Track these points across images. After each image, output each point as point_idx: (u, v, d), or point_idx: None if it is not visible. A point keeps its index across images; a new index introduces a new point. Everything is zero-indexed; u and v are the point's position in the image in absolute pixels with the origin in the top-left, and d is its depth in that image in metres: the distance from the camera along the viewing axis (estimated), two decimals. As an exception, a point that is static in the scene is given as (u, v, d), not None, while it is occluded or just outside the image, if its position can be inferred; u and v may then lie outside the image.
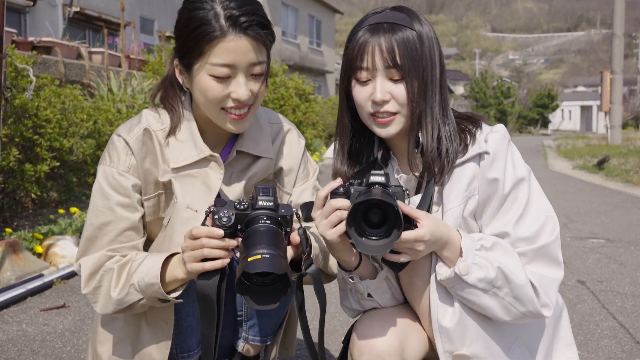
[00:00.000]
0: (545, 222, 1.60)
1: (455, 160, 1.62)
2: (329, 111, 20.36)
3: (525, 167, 1.65)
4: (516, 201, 1.60)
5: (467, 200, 1.62)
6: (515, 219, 1.59)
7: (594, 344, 2.99)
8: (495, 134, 1.63)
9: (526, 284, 1.55)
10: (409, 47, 1.58)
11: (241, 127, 1.73)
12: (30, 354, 2.81)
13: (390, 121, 1.63)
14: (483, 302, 1.55)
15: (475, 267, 1.52)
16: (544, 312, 1.57)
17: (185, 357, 1.86)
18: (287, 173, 1.93)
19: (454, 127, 1.65)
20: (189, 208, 1.73)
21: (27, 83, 5.09)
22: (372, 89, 1.61)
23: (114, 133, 1.79)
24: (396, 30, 1.58)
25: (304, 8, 34.20)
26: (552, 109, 57.31)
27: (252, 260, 1.40)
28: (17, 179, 5.04)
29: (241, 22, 1.61)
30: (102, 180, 1.75)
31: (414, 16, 1.64)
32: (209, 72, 1.64)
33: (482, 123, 1.70)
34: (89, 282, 1.71)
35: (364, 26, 1.62)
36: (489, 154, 1.60)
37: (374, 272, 1.70)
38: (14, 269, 3.90)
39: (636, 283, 4.17)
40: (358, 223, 1.44)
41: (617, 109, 21.31)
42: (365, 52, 1.59)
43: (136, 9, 20.39)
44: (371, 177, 1.53)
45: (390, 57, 1.57)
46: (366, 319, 1.70)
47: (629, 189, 10.04)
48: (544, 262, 1.60)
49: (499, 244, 1.57)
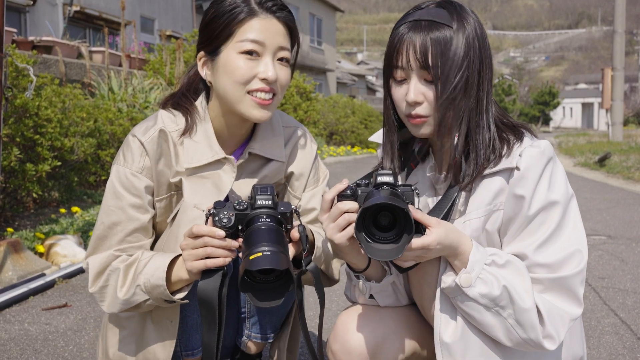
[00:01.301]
0: (573, 253, 1.49)
1: (484, 170, 1.53)
2: (330, 109, 20.38)
3: (565, 191, 1.52)
4: (543, 225, 1.49)
5: (490, 213, 1.53)
6: (538, 243, 1.49)
7: (596, 341, 2.99)
8: (532, 149, 1.51)
9: (531, 310, 1.45)
10: (443, 47, 1.48)
11: (265, 114, 1.71)
12: (32, 353, 2.82)
13: (422, 122, 1.56)
14: (484, 319, 1.48)
15: (480, 281, 1.44)
16: (546, 343, 1.46)
17: (189, 355, 1.87)
18: (298, 177, 1.93)
19: (490, 135, 1.55)
20: (196, 208, 1.72)
21: (27, 82, 5.09)
22: (407, 89, 1.55)
23: (129, 133, 1.79)
24: (433, 29, 1.49)
25: (304, 6, 34.18)
26: (554, 106, 57.30)
27: (254, 258, 1.40)
28: (19, 178, 5.04)
29: (270, 5, 1.67)
30: (115, 180, 1.75)
31: (457, 14, 1.53)
32: (237, 49, 1.66)
33: (525, 135, 1.57)
34: (96, 281, 1.72)
35: (405, 22, 1.54)
36: (519, 170, 1.49)
37: (382, 273, 1.66)
38: (15, 268, 3.91)
39: (637, 280, 4.17)
40: (367, 227, 1.38)
41: (618, 106, 21.28)
42: (400, 50, 1.52)
43: (137, 8, 20.39)
44: (379, 177, 1.48)
45: (423, 57, 1.49)
46: (353, 311, 1.68)
47: (630, 186, 10.04)
48: (560, 295, 1.49)
49: (512, 263, 1.48)
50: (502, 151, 1.54)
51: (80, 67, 9.37)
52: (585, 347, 1.70)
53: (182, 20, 23.66)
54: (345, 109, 21.01)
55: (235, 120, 1.77)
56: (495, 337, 1.50)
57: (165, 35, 12.04)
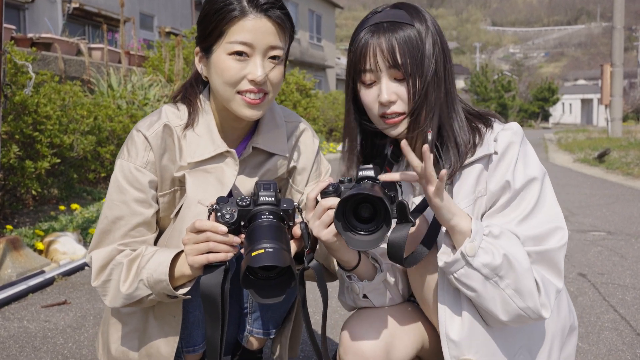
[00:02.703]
0: (554, 229, 1.55)
1: (464, 160, 1.58)
2: (330, 106, 20.36)
3: (539, 167, 1.59)
4: (524, 200, 1.55)
5: (475, 201, 1.58)
6: (522, 217, 1.54)
7: (595, 336, 2.99)
8: (506, 131, 1.59)
9: (529, 271, 1.49)
10: (409, 45, 1.55)
11: (255, 113, 1.72)
12: (31, 350, 2.82)
13: (399, 121, 1.60)
14: (482, 291, 1.49)
15: (482, 251, 1.46)
16: (543, 311, 1.51)
17: (190, 351, 1.87)
18: (300, 172, 1.94)
19: (462, 125, 1.61)
20: (200, 203, 1.72)
21: (26, 80, 5.09)
22: (378, 91, 1.59)
23: (133, 128, 1.80)
24: (396, 29, 1.56)
25: (303, 3, 34.13)
26: (553, 103, 57.25)
27: (256, 254, 1.40)
28: (18, 175, 5.04)
29: (262, 4, 1.64)
30: (119, 174, 1.76)
31: (415, 12, 1.60)
32: (226, 50, 1.65)
33: (493, 122, 1.65)
34: (99, 275, 1.72)
35: (365, 27, 1.60)
36: (497, 154, 1.56)
37: (374, 272, 1.68)
38: (14, 265, 3.91)
39: (637, 275, 4.17)
40: (348, 218, 1.43)
41: (617, 102, 21.28)
42: (366, 54, 1.57)
43: (136, 4, 20.36)
44: (360, 172, 1.52)
45: (391, 56, 1.55)
46: (355, 319, 1.69)
47: (630, 182, 10.04)
48: (546, 267, 1.54)
49: (505, 233, 1.51)
50: (475, 140, 1.60)
51: (79, 64, 9.36)
52: (574, 314, 1.76)
53: (182, 16, 23.64)
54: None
55: (233, 115, 1.77)
56: (492, 311, 1.51)
57: (165, 32, 12.04)
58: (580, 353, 2.77)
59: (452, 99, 1.62)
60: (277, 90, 1.76)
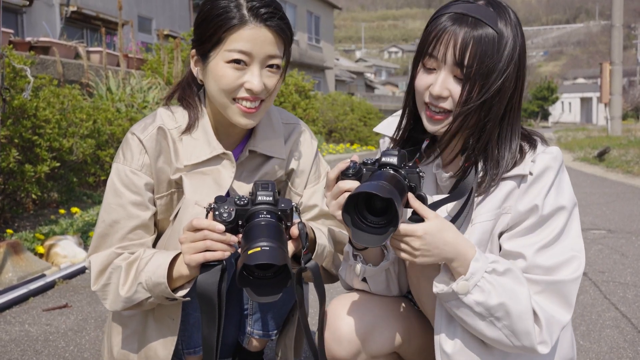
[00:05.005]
0: (571, 259, 1.50)
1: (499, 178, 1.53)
2: (329, 107, 20.38)
3: (571, 197, 1.54)
4: (549, 228, 1.50)
5: (499, 217, 1.54)
6: (541, 245, 1.49)
7: (596, 334, 2.99)
8: (545, 155, 1.53)
9: (528, 317, 1.45)
10: (483, 51, 1.45)
11: (250, 121, 1.72)
12: (33, 354, 2.82)
13: (441, 119, 1.53)
14: (477, 326, 1.47)
15: (478, 289, 1.43)
16: (540, 348, 1.47)
17: (191, 353, 1.87)
18: (299, 174, 1.94)
19: (510, 145, 1.54)
20: (198, 205, 1.73)
21: (25, 83, 5.08)
22: (433, 80, 1.51)
23: (128, 131, 1.80)
24: (478, 29, 1.45)
25: (302, 4, 34.13)
26: (552, 102, 57.35)
27: (252, 252, 1.41)
28: (18, 180, 5.03)
29: (262, 13, 1.64)
30: (115, 178, 1.76)
31: (503, 15, 1.49)
32: (224, 58, 1.65)
33: (538, 143, 1.58)
34: (98, 279, 1.72)
35: (449, 12, 1.49)
36: (532, 175, 1.51)
37: (380, 258, 1.66)
38: (15, 269, 3.91)
39: (638, 273, 4.17)
40: (360, 210, 1.39)
41: (616, 101, 21.29)
42: (440, 41, 1.47)
43: (134, 7, 20.36)
44: (383, 157, 1.47)
45: (461, 54, 1.45)
46: (345, 299, 1.69)
47: (630, 180, 10.05)
48: (555, 299, 1.49)
49: (512, 271, 1.46)
50: (516, 159, 1.55)
51: (78, 67, 9.36)
52: (575, 348, 1.71)
53: (180, 19, 23.64)
54: (344, 107, 21.01)
55: (228, 120, 1.77)
56: (486, 341, 1.51)
57: (163, 35, 12.02)
58: (581, 351, 2.77)
59: (512, 119, 1.55)
60: (274, 97, 1.77)
